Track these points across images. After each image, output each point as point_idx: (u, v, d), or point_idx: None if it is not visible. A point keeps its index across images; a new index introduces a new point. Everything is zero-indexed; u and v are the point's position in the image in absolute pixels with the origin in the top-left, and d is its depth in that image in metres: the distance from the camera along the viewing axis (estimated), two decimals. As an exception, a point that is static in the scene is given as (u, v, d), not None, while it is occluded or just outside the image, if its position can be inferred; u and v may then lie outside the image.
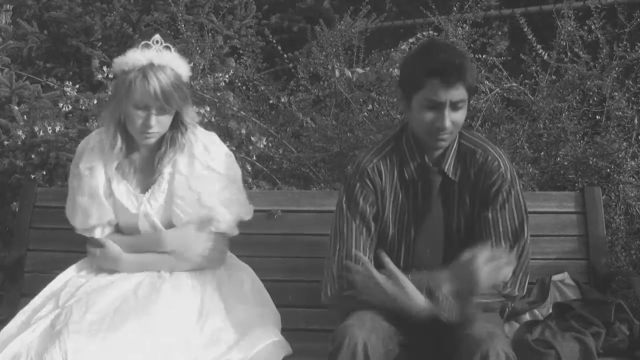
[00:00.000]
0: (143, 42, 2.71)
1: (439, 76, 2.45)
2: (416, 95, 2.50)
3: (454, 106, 2.49)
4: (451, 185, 2.65)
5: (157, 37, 2.75)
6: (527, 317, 3.00)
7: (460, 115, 2.52)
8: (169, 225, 2.81)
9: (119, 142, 2.75)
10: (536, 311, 3.01)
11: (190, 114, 2.80)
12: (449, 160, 2.63)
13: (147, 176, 2.82)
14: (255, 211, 3.00)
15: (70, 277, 2.83)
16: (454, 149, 2.64)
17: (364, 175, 2.65)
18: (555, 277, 3.11)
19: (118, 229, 2.88)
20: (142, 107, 2.65)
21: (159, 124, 2.69)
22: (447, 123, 2.48)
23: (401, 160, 2.67)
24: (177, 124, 2.77)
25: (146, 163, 2.83)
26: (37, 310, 2.67)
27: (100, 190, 2.79)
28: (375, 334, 2.40)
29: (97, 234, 2.84)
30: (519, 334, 2.78)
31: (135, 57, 2.68)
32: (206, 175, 2.77)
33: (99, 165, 2.79)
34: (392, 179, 2.66)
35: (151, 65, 2.66)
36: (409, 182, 2.66)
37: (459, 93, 2.47)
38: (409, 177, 2.65)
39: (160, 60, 2.69)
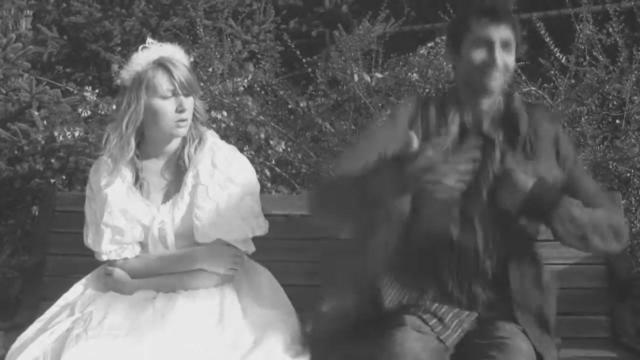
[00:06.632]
0: (141, 46, 2.77)
1: (488, 14, 2.47)
2: (465, 38, 2.50)
3: (504, 47, 2.48)
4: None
5: (150, 40, 2.82)
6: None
7: (510, 60, 2.50)
8: (186, 237, 2.79)
9: (133, 147, 2.75)
10: None
11: (200, 106, 2.83)
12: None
13: (166, 186, 2.82)
14: (274, 216, 2.99)
15: (84, 289, 2.82)
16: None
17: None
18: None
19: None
20: (171, 95, 2.70)
21: (189, 109, 2.73)
22: (499, 60, 2.46)
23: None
24: (193, 118, 2.80)
25: (164, 172, 2.84)
26: (54, 317, 2.68)
27: (127, 205, 2.77)
28: None
29: (129, 253, 2.79)
30: None
31: (144, 56, 2.73)
32: (226, 186, 2.76)
33: (117, 181, 2.79)
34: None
35: (162, 57, 2.73)
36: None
37: (507, 33, 2.47)
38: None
39: (166, 52, 2.76)
